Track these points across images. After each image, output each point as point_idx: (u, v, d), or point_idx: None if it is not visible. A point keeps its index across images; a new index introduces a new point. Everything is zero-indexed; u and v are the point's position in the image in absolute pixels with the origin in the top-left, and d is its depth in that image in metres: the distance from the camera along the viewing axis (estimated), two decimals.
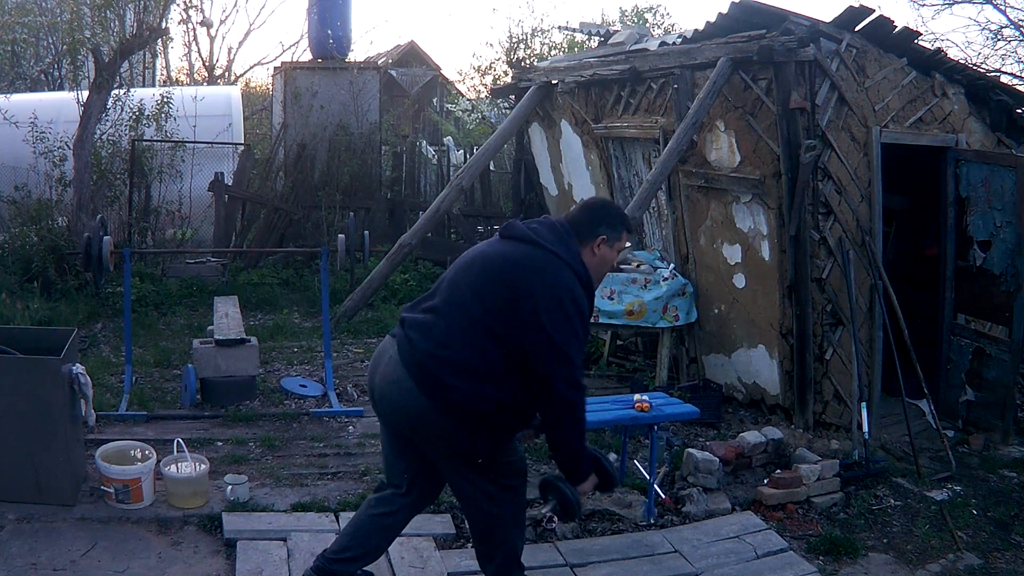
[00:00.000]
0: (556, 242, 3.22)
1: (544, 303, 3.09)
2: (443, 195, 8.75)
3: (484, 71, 17.89)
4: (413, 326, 3.25)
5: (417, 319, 3.27)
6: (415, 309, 3.35)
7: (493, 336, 3.12)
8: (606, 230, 3.36)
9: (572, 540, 4.34)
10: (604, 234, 3.35)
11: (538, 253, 3.18)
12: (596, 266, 3.35)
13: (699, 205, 6.53)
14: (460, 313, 3.17)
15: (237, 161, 11.17)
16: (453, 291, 3.25)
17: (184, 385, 5.87)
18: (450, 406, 3.13)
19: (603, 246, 3.35)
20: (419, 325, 3.24)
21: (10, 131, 9.45)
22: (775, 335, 6.00)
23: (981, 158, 6.02)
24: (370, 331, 8.13)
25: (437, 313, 3.23)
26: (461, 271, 3.30)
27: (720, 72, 5.93)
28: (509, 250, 3.24)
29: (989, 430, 5.97)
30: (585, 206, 3.50)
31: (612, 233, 3.37)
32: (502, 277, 3.16)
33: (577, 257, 3.25)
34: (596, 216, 3.39)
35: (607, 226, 3.37)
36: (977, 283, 6.09)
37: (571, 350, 3.11)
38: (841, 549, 4.37)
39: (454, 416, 3.14)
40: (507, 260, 3.21)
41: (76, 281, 8.52)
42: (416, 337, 3.21)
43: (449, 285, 3.29)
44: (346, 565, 3.44)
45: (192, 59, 22.95)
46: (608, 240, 3.36)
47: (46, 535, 3.97)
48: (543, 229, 3.27)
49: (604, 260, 3.39)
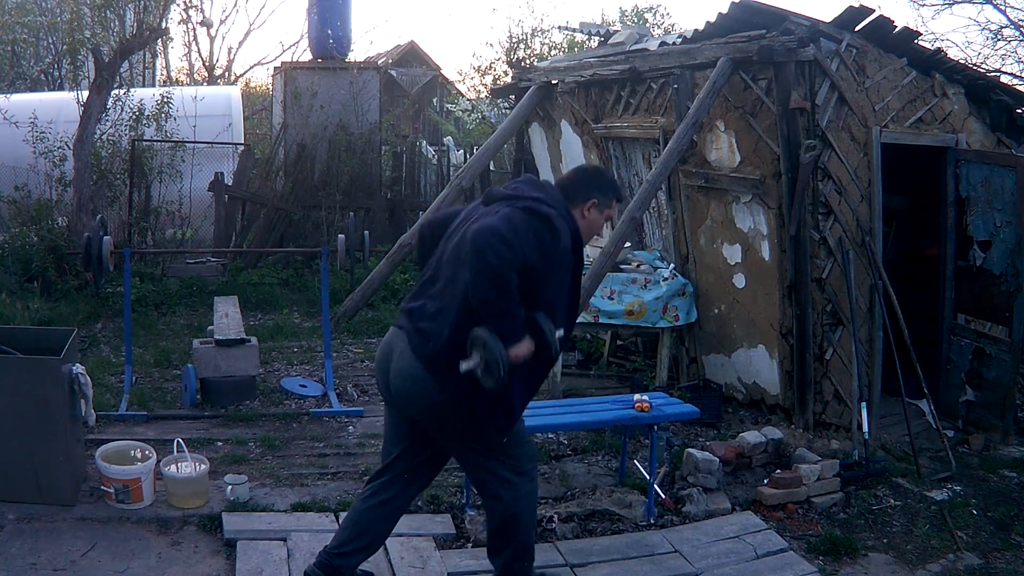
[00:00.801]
0: (538, 191, 3.21)
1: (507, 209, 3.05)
2: (443, 195, 8.74)
3: (484, 71, 17.92)
4: (422, 316, 3.24)
5: (424, 308, 3.26)
6: (419, 297, 3.33)
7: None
8: (597, 194, 3.37)
9: (572, 540, 4.33)
10: (595, 198, 3.36)
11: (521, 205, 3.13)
12: (584, 229, 3.34)
13: (699, 205, 6.53)
14: (463, 293, 3.12)
15: (237, 161, 11.17)
16: (449, 269, 3.22)
17: (184, 385, 5.87)
18: (464, 396, 3.13)
19: (593, 210, 3.37)
20: (427, 314, 3.23)
21: (10, 131, 9.46)
22: (775, 335, 6.00)
23: (981, 158, 6.02)
24: (370, 331, 8.13)
25: (441, 297, 3.21)
26: (453, 249, 3.24)
27: (720, 72, 5.93)
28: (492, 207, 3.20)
29: (989, 430, 5.97)
30: (578, 170, 3.51)
31: (603, 198, 3.39)
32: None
33: (561, 202, 3.22)
34: (589, 180, 3.41)
35: (598, 191, 3.38)
36: (977, 283, 6.09)
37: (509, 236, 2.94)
38: (841, 549, 4.37)
39: (469, 398, 3.13)
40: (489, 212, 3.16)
41: (76, 281, 8.52)
42: (426, 327, 3.20)
43: (444, 265, 3.26)
44: (348, 559, 3.45)
45: (192, 59, 23.04)
46: (599, 205, 3.38)
47: (46, 535, 3.97)
48: (523, 185, 3.27)
49: (592, 225, 3.40)
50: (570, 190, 3.36)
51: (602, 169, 3.58)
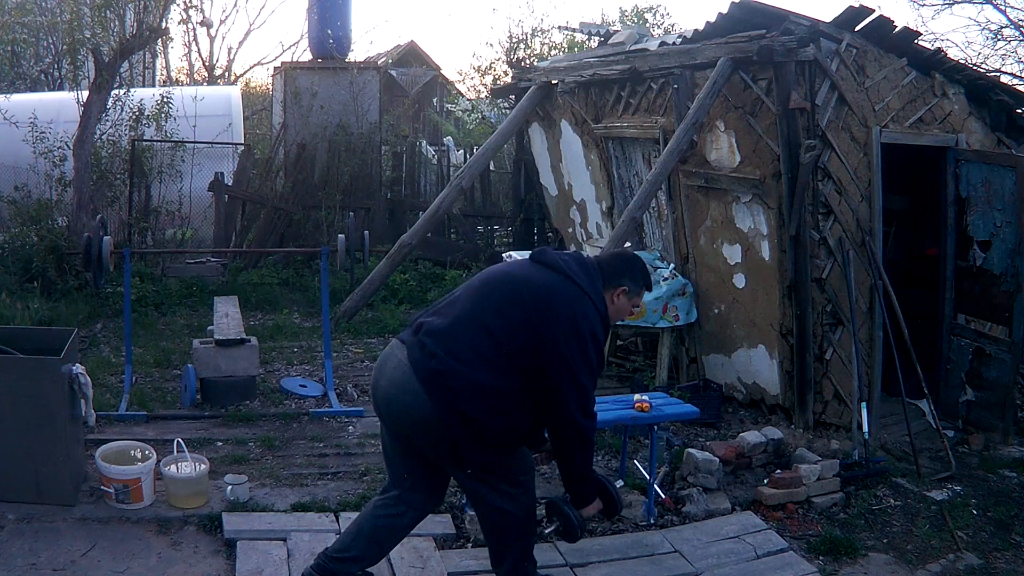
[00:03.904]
0: (583, 276, 3.33)
1: (565, 330, 3.18)
2: (443, 195, 8.75)
3: (484, 71, 17.90)
4: (429, 333, 3.25)
5: (433, 326, 3.27)
6: (431, 315, 3.36)
7: (510, 356, 3.17)
8: (629, 283, 3.52)
9: None
10: (626, 286, 3.51)
11: (567, 283, 3.28)
12: (612, 313, 3.50)
13: (699, 205, 6.53)
14: (479, 328, 3.20)
15: (237, 161, 11.17)
16: (475, 304, 3.28)
17: (184, 385, 5.87)
18: (460, 422, 3.15)
19: (622, 297, 3.52)
20: (435, 332, 3.24)
21: (10, 131, 9.45)
22: (775, 335, 6.00)
23: (981, 158, 6.02)
24: (370, 331, 8.13)
25: (455, 323, 3.24)
26: (485, 286, 3.34)
27: (720, 72, 5.93)
28: (538, 275, 3.32)
29: (989, 430, 5.97)
30: (616, 255, 3.69)
31: (633, 287, 3.54)
32: (528, 299, 3.23)
33: (600, 295, 3.37)
34: (624, 267, 3.55)
35: (630, 279, 3.53)
36: (977, 283, 6.09)
37: (585, 379, 3.20)
38: (841, 549, 4.37)
39: (462, 430, 3.16)
40: (535, 284, 3.29)
41: (76, 281, 8.52)
42: (430, 344, 3.21)
43: (471, 297, 3.31)
44: (347, 565, 3.44)
45: (192, 59, 23.01)
46: (628, 292, 3.52)
47: (46, 535, 3.97)
48: (573, 262, 3.39)
49: (619, 310, 3.55)
50: (607, 273, 3.48)
51: (637, 257, 3.71)
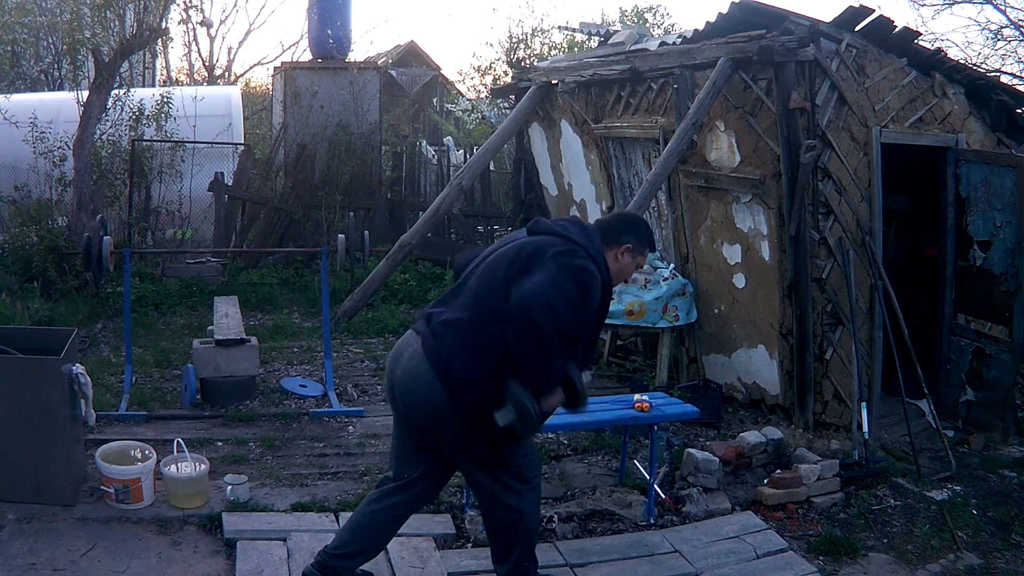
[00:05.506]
0: (581, 235, 3.31)
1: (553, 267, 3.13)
2: (443, 195, 8.75)
3: (484, 71, 17.90)
4: (441, 322, 3.28)
5: (445, 316, 3.30)
6: (443, 304, 3.38)
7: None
8: (632, 240, 3.49)
9: (572, 540, 4.34)
10: (630, 243, 3.48)
11: (563, 241, 3.26)
12: (616, 273, 3.47)
13: (699, 205, 6.53)
14: (489, 309, 3.19)
15: (237, 161, 11.17)
16: (480, 285, 3.28)
17: (184, 385, 5.87)
18: (472, 408, 3.17)
19: (626, 255, 3.49)
20: (447, 322, 3.27)
21: (10, 131, 9.45)
22: (775, 335, 6.00)
23: (981, 158, 6.02)
24: (370, 331, 8.13)
25: (466, 310, 3.26)
26: (489, 263, 3.34)
27: (720, 72, 5.93)
28: (536, 239, 3.32)
29: (989, 430, 5.97)
30: (618, 215, 3.69)
31: (637, 244, 3.50)
32: (526, 254, 3.23)
33: (600, 252, 3.33)
34: (627, 225, 3.53)
35: (635, 237, 3.50)
36: (977, 283, 6.09)
37: (556, 302, 3.03)
38: (841, 549, 4.37)
39: (473, 418, 3.18)
40: (533, 243, 3.29)
41: (76, 281, 8.52)
42: (443, 333, 3.24)
43: (477, 279, 3.32)
44: (347, 561, 3.45)
45: (192, 59, 22.97)
46: (632, 250, 3.49)
47: (46, 535, 3.97)
48: (570, 225, 3.38)
49: (624, 269, 3.52)
50: (608, 233, 3.47)
51: (639, 217, 3.74)
